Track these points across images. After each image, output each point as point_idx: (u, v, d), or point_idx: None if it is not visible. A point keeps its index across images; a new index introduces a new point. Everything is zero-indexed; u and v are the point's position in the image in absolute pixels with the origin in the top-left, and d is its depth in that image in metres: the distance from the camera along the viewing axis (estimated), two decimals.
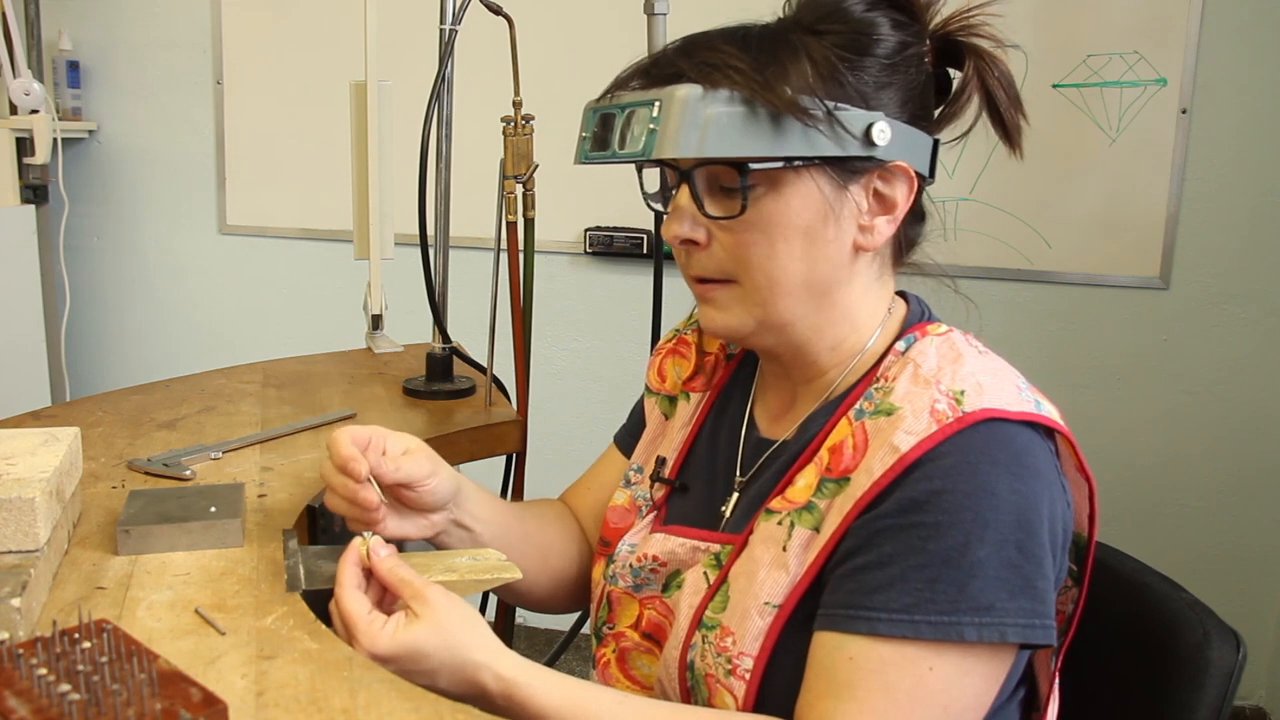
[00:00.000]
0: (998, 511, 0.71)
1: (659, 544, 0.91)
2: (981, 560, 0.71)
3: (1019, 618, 0.71)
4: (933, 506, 0.72)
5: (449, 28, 1.44)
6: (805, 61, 0.78)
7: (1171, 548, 2.34)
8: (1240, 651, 0.85)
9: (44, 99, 1.84)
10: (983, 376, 0.77)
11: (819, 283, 0.82)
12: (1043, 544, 0.73)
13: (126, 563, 0.90)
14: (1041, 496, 0.73)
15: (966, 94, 0.86)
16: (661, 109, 0.76)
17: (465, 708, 0.70)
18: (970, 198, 2.30)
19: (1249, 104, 2.17)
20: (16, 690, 0.61)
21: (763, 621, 0.78)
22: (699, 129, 0.75)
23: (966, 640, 0.70)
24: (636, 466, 1.02)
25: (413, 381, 1.54)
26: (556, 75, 2.37)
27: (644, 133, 0.76)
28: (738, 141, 0.76)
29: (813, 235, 0.80)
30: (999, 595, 0.71)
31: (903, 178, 0.82)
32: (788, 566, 0.78)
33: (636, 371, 1.85)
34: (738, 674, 0.78)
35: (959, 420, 0.73)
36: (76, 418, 1.29)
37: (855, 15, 0.82)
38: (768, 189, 0.79)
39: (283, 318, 2.79)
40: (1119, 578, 0.96)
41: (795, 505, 0.80)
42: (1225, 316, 2.26)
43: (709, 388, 1.00)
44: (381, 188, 1.52)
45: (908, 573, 0.71)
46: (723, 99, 0.75)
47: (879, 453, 0.76)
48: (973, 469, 0.72)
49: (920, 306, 0.89)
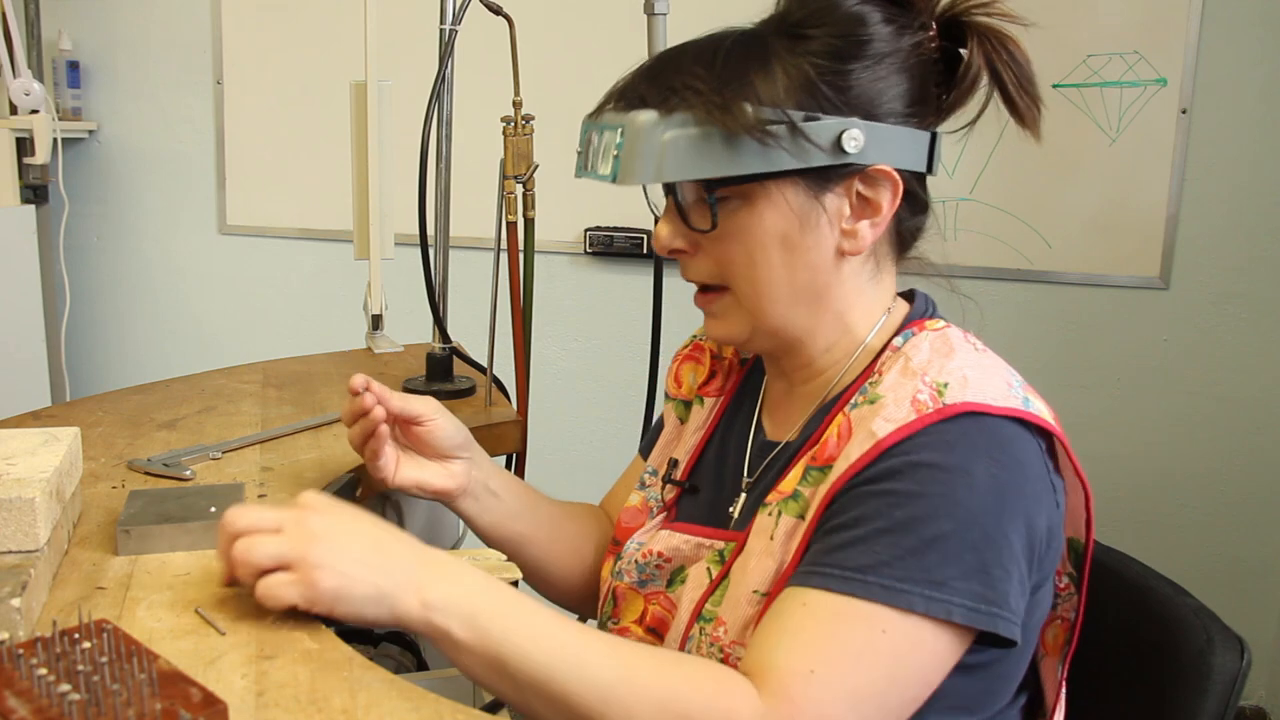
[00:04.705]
0: (971, 491, 0.71)
1: (665, 540, 0.92)
2: (944, 535, 0.70)
3: (967, 599, 0.70)
4: (906, 476, 0.72)
5: (449, 28, 1.44)
6: (777, 72, 0.78)
7: (1170, 547, 2.34)
8: (1245, 658, 0.84)
9: (44, 99, 1.83)
10: (970, 371, 0.76)
11: (803, 289, 0.82)
12: (1008, 537, 0.72)
13: (126, 563, 0.90)
14: (1021, 490, 0.73)
15: (970, 78, 0.84)
16: (624, 136, 0.78)
17: (465, 708, 0.70)
18: (970, 198, 2.30)
19: (1249, 104, 2.17)
20: (16, 690, 0.61)
21: (751, 610, 0.78)
22: (656, 154, 0.77)
23: (915, 611, 0.70)
24: (651, 469, 1.02)
25: (413, 381, 1.53)
26: (556, 75, 2.37)
27: (610, 157, 0.79)
28: (695, 163, 0.77)
29: (790, 244, 0.81)
30: (952, 573, 0.70)
31: (886, 181, 0.81)
32: (775, 554, 0.79)
33: (637, 371, 1.85)
34: (730, 663, 0.78)
35: (939, 411, 0.74)
36: (76, 418, 1.29)
37: (845, 11, 0.81)
38: (741, 202, 0.80)
39: (283, 318, 2.79)
40: (1123, 581, 0.96)
41: (783, 495, 0.81)
42: (1225, 316, 2.26)
43: (723, 392, 1.00)
44: (381, 188, 1.52)
45: (870, 535, 0.72)
46: (679, 122, 0.77)
47: (858, 439, 0.76)
48: (950, 447, 0.72)
49: (926, 304, 0.89)
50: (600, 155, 0.81)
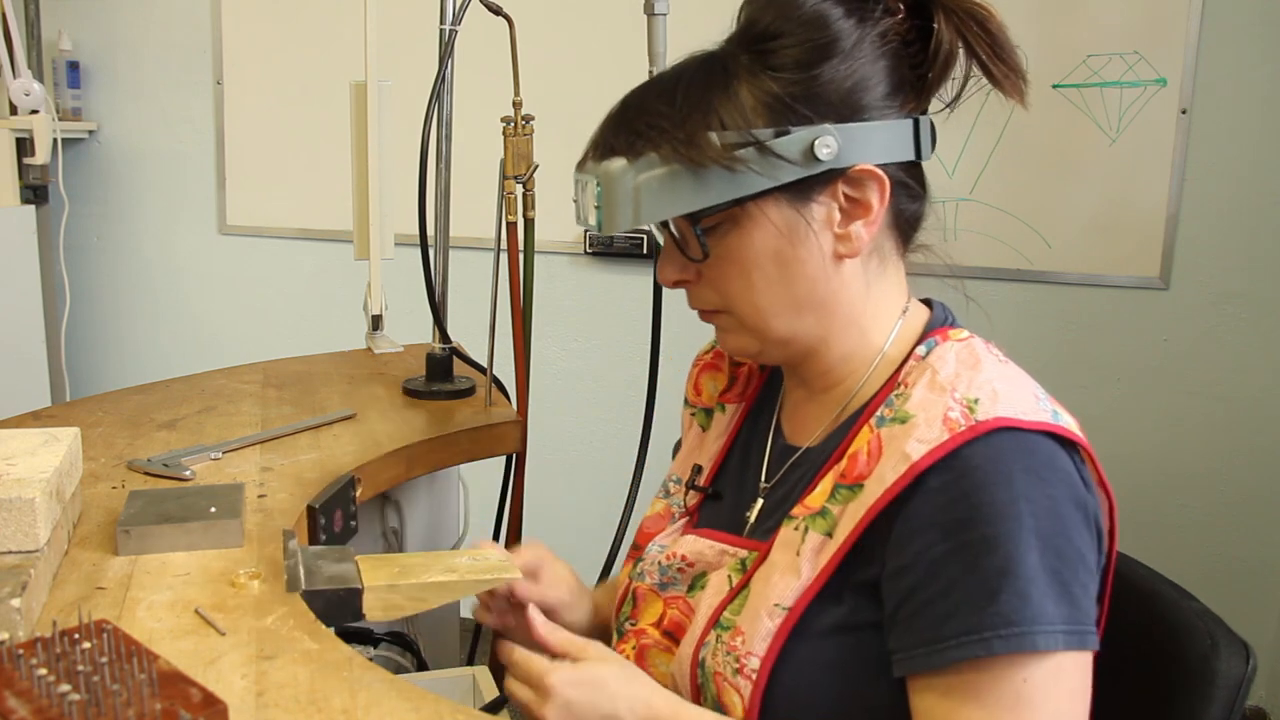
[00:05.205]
0: (1037, 518, 0.71)
1: (689, 545, 0.92)
2: (1033, 567, 0.71)
3: (1060, 624, 0.71)
4: (978, 520, 0.72)
5: (449, 28, 1.44)
6: (741, 93, 0.78)
7: (1169, 547, 2.34)
8: (1250, 663, 0.84)
9: (44, 99, 1.83)
10: (999, 384, 0.76)
11: (804, 299, 0.82)
12: (1080, 551, 0.73)
13: (126, 563, 0.90)
14: (1071, 499, 0.74)
15: (943, 55, 0.82)
16: (600, 185, 0.80)
17: (465, 708, 0.70)
18: (970, 198, 2.30)
19: (1249, 104, 2.17)
20: (16, 690, 0.61)
21: (771, 623, 0.78)
22: (631, 200, 0.79)
23: (1041, 648, 0.70)
24: (675, 477, 1.02)
25: (413, 382, 1.54)
26: (556, 75, 2.37)
27: (593, 208, 0.81)
28: (669, 202, 0.78)
29: (783, 258, 0.81)
30: (1048, 602, 0.71)
31: (870, 180, 0.80)
32: (799, 570, 0.78)
33: (637, 372, 1.85)
34: (744, 673, 0.78)
35: (971, 429, 0.73)
36: (76, 418, 1.29)
37: (803, 14, 0.80)
38: (730, 226, 0.81)
39: (283, 318, 2.79)
40: (1128, 584, 0.95)
41: (811, 511, 0.81)
42: (1225, 316, 2.26)
43: (744, 398, 1.00)
44: (381, 188, 1.52)
45: (970, 592, 0.71)
46: (647, 164, 0.78)
47: (891, 460, 0.76)
48: (1008, 479, 0.72)
49: (944, 312, 0.88)
50: (587, 207, 0.83)
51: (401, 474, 1.29)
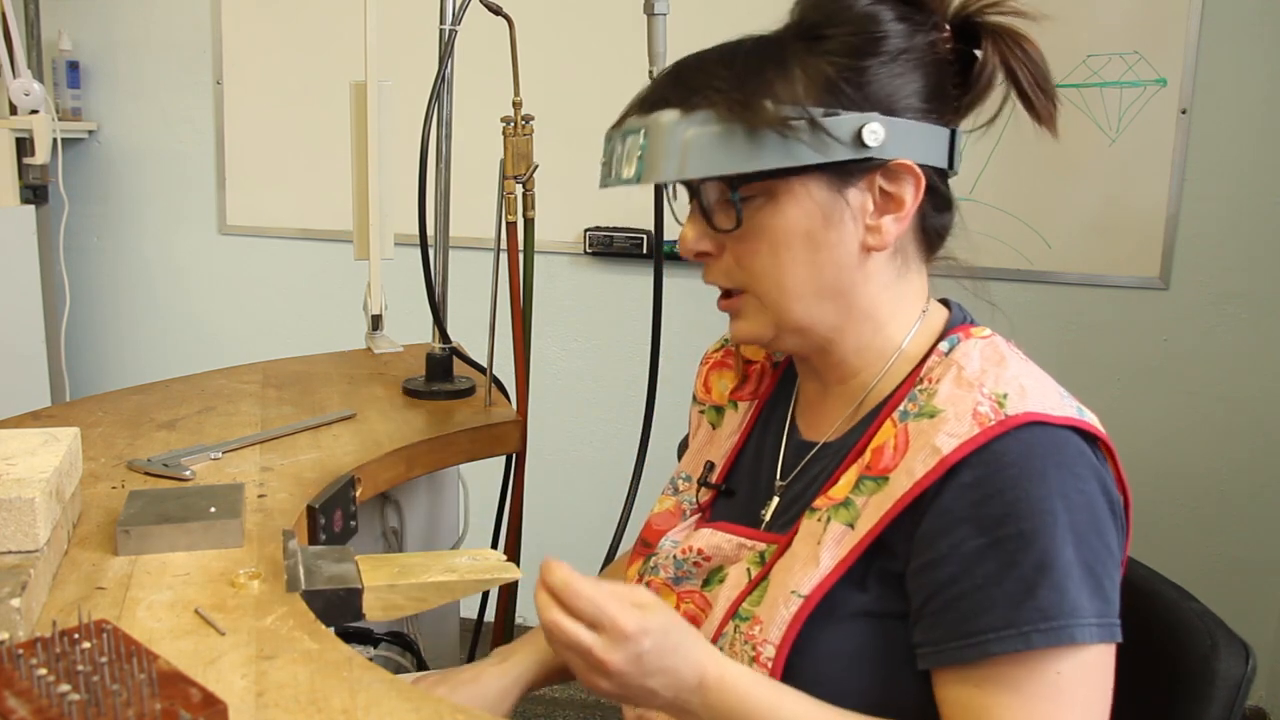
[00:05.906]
0: (1071, 512, 0.73)
1: (705, 538, 0.91)
2: (1069, 561, 0.72)
3: (1094, 617, 0.72)
4: (1014, 516, 0.73)
5: (449, 28, 1.44)
6: (795, 73, 0.79)
7: (1169, 547, 2.34)
8: (1249, 663, 0.84)
9: (44, 99, 1.83)
10: (1026, 380, 0.78)
11: (828, 285, 0.83)
12: (1109, 545, 0.74)
13: (126, 563, 0.90)
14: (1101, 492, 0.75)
15: (985, 78, 0.84)
16: (647, 136, 0.80)
17: (465, 708, 0.70)
18: (970, 198, 2.30)
19: (1249, 104, 2.17)
20: (16, 690, 0.61)
21: (787, 610, 0.78)
22: (679, 152, 0.79)
23: (1078, 641, 0.71)
24: (685, 475, 1.02)
25: (412, 381, 1.54)
26: (556, 75, 2.37)
27: (635, 159, 0.81)
28: (717, 159, 0.78)
29: (814, 240, 0.81)
30: (1083, 595, 0.72)
31: (908, 176, 0.81)
32: (819, 559, 0.79)
33: (637, 372, 1.85)
34: (760, 661, 0.79)
35: (1001, 423, 0.74)
36: (76, 418, 1.29)
37: (858, 11, 0.82)
38: (765, 200, 0.81)
39: (283, 318, 2.79)
40: (1128, 584, 0.95)
41: (834, 502, 0.81)
42: (1225, 316, 2.26)
43: (757, 396, 1.00)
44: (381, 188, 1.52)
45: (1007, 587, 0.72)
46: (700, 120, 0.78)
47: (920, 454, 0.76)
48: (1042, 474, 0.73)
49: (963, 312, 0.90)
50: (624, 160, 0.82)
51: (401, 474, 1.29)
